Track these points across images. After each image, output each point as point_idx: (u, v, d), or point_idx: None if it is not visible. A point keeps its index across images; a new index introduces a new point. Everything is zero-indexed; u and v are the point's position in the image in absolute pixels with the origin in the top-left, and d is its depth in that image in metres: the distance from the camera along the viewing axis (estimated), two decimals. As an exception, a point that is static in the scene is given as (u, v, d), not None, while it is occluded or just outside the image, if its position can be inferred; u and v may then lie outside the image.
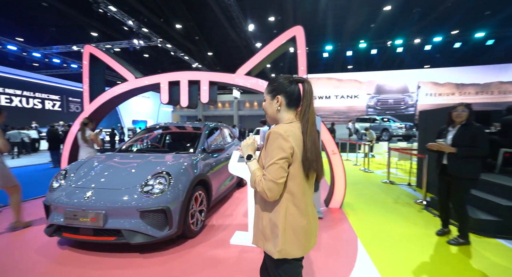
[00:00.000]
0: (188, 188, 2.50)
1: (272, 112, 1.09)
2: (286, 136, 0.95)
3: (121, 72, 4.19)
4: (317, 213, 3.15)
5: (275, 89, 1.08)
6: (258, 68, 4.02)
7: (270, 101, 1.09)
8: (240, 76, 3.79)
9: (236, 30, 19.09)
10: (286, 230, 0.97)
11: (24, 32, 17.56)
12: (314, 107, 1.03)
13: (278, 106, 1.06)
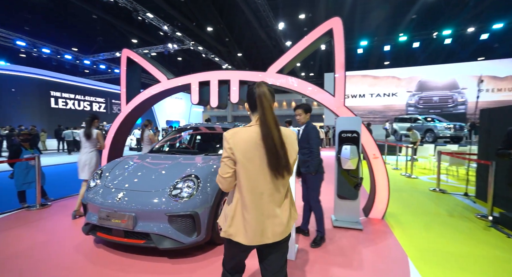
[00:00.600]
0: (217, 193, 2.38)
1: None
2: (228, 138, 1.07)
3: (154, 74, 4.28)
4: (356, 223, 2.81)
5: (245, 95, 1.20)
6: (290, 65, 3.78)
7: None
8: (271, 74, 3.59)
9: (266, 30, 19.02)
10: (233, 217, 1.10)
11: (77, 43, 19.68)
12: (270, 110, 1.06)
13: (247, 110, 1.19)
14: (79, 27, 18.79)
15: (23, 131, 4.35)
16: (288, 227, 1.13)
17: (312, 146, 2.51)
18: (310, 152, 2.52)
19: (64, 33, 19.23)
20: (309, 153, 2.52)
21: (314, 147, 2.51)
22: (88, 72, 23.34)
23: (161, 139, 3.72)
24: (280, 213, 1.11)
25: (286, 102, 35.22)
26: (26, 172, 3.75)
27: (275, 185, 1.08)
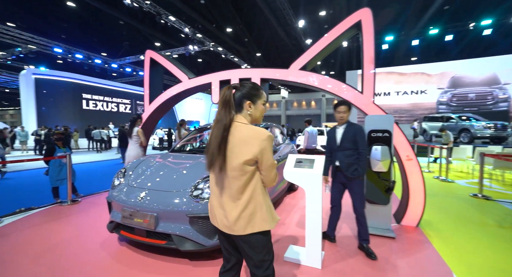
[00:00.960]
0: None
1: None
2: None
3: (176, 73, 4.32)
4: (387, 231, 2.57)
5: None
6: (313, 62, 3.60)
7: None
8: (294, 72, 3.44)
9: (285, 29, 18.77)
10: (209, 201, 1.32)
11: (106, 48, 20.88)
12: (219, 110, 1.15)
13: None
14: (108, 33, 19.91)
15: (57, 131, 4.62)
16: (234, 226, 1.14)
17: (360, 148, 2.31)
18: (358, 154, 2.32)
19: (95, 39, 20.49)
20: (357, 155, 2.32)
21: (363, 149, 2.31)
22: (116, 75, 24.69)
23: (182, 139, 3.72)
24: (229, 209, 1.15)
25: (305, 101, 34.57)
26: (59, 169, 3.96)
27: (222, 179, 1.17)
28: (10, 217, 3.37)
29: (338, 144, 2.40)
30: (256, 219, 1.15)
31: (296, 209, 3.68)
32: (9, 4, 15.49)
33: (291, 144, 4.86)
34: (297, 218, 3.28)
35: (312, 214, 2.09)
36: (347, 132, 2.38)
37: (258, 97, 1.22)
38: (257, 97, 1.22)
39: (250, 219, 1.14)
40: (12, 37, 16.20)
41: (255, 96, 1.21)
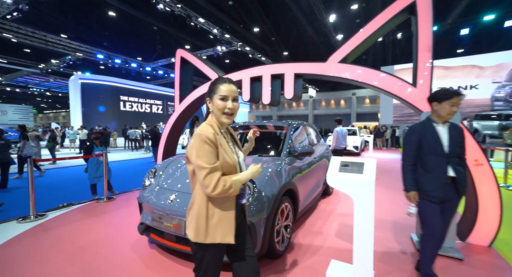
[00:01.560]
0: (275, 200, 2.05)
1: None
2: None
3: (206, 71, 4.24)
4: (452, 250, 2.10)
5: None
6: (355, 53, 3.22)
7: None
8: (333, 65, 3.10)
9: (314, 25, 18.15)
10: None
11: (141, 52, 22.21)
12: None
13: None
14: (143, 38, 21.15)
15: (94, 130, 4.86)
16: (187, 232, 1.13)
17: (464, 155, 1.83)
18: (463, 163, 1.83)
19: (132, 44, 21.90)
20: (463, 164, 1.84)
21: (464, 155, 1.84)
22: (149, 78, 26.16)
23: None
24: (187, 214, 1.17)
25: (334, 100, 33.14)
26: (96, 167, 4.13)
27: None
28: (55, 211, 3.55)
29: (446, 148, 1.75)
30: (192, 226, 1.11)
31: (333, 216, 3.33)
32: (62, 17, 17.22)
33: (326, 145, 4.49)
34: (336, 227, 2.94)
35: (362, 226, 1.77)
36: (453, 133, 1.79)
37: (214, 92, 1.15)
38: (213, 92, 1.16)
39: (189, 222, 1.13)
40: (63, 46, 18.02)
41: (211, 91, 1.17)
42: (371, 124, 23.09)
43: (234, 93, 1.16)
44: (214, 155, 1.07)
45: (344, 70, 3.00)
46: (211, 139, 1.06)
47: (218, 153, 1.09)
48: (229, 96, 1.14)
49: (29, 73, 23.77)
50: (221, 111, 1.14)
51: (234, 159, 1.14)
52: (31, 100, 38.42)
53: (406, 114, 16.61)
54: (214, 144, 1.07)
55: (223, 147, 1.11)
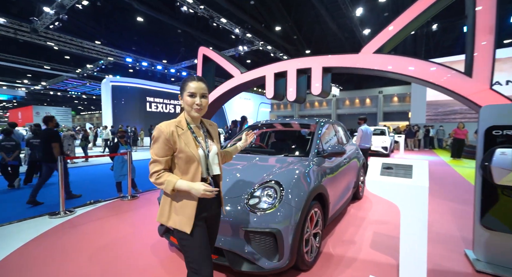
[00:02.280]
0: (304, 205, 1.83)
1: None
2: None
3: (228, 68, 4.12)
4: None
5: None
6: (392, 43, 2.87)
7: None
8: (367, 56, 2.78)
9: (338, 22, 17.45)
10: None
11: (166, 55, 23.05)
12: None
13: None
14: (167, 41, 21.93)
15: (120, 129, 4.99)
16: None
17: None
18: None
19: (157, 48, 22.80)
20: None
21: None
22: (174, 80, 27.07)
23: (233, 137, 3.45)
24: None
25: (359, 99, 31.66)
26: (122, 165, 4.19)
27: None
28: (82, 208, 3.65)
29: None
30: (159, 207, 1.27)
31: (366, 223, 3.01)
32: (96, 25, 18.44)
33: (355, 145, 4.15)
34: (370, 236, 2.63)
35: (412, 241, 1.48)
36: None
37: (184, 90, 1.25)
38: (183, 89, 1.25)
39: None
40: (97, 52, 19.31)
41: (182, 89, 1.27)
42: (400, 124, 21.63)
43: (202, 90, 1.24)
44: (163, 149, 1.18)
45: (382, 62, 2.68)
46: (165, 134, 1.17)
47: (176, 145, 1.19)
48: (197, 92, 1.22)
49: (68, 77, 25.87)
50: (190, 107, 1.23)
51: (195, 152, 1.20)
52: (70, 102, 41.86)
53: (441, 113, 15.22)
54: (166, 138, 1.16)
55: (184, 140, 1.20)
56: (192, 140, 1.22)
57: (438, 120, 15.26)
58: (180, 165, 1.20)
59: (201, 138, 1.29)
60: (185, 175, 1.20)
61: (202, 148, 1.25)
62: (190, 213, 1.17)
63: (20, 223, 3.06)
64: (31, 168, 5.47)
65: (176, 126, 1.21)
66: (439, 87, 2.41)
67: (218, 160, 1.32)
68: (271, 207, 1.71)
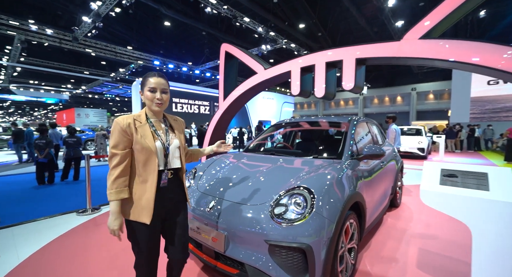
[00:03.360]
0: (339, 216, 1.56)
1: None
2: None
3: (251, 65, 3.94)
4: None
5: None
6: (441, 27, 2.44)
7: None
8: (412, 43, 2.39)
9: (366, 16, 16.46)
10: None
11: (191, 57, 23.73)
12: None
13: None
14: (192, 44, 22.55)
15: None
16: None
17: None
18: None
19: (183, 50, 23.56)
20: None
21: None
22: (198, 81, 27.80)
23: (256, 137, 3.24)
24: None
25: (388, 97, 29.65)
26: None
27: None
28: (108, 206, 3.71)
29: None
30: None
31: (408, 237, 2.61)
32: (127, 31, 19.58)
33: (391, 146, 3.71)
34: (415, 254, 2.24)
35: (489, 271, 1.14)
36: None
37: (144, 85, 1.28)
38: (143, 85, 1.29)
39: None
40: (128, 56, 20.50)
41: (142, 84, 1.30)
42: (437, 123, 19.76)
43: (162, 86, 1.28)
44: (120, 141, 1.20)
45: (431, 48, 2.27)
46: (121, 125, 1.20)
47: (133, 138, 1.22)
48: (157, 88, 1.26)
49: (103, 81, 27.87)
50: (151, 101, 1.28)
51: (151, 144, 1.23)
52: (105, 104, 45.19)
53: (489, 110, 13.55)
54: (123, 130, 1.20)
55: (141, 132, 1.23)
56: (150, 133, 1.26)
57: (485, 119, 13.61)
58: (137, 157, 1.24)
59: (161, 131, 1.33)
60: (142, 167, 1.24)
61: (161, 141, 1.29)
62: (148, 204, 1.21)
63: (51, 219, 3.17)
64: (67, 165, 5.80)
65: (134, 119, 1.26)
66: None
67: (180, 154, 1.37)
68: (300, 218, 1.47)
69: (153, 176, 1.23)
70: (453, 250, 2.29)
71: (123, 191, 1.20)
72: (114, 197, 1.18)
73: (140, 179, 1.23)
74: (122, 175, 1.20)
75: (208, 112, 22.79)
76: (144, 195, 1.22)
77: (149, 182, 1.23)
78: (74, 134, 5.88)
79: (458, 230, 2.73)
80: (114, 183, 1.18)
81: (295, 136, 3.56)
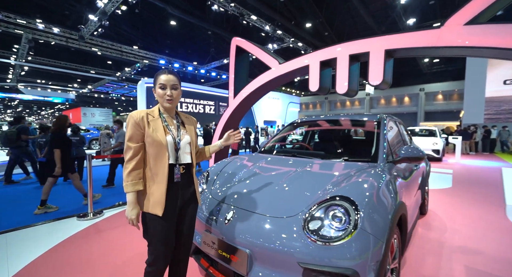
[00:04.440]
0: (389, 233, 1.28)
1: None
2: None
3: (265, 59, 3.68)
4: None
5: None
6: (492, 10, 2.13)
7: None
8: (456, 29, 2.09)
9: (374, 15, 16.09)
10: None
11: (196, 56, 23.59)
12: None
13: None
14: (198, 43, 22.43)
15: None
16: None
17: None
18: None
19: (189, 50, 23.46)
20: None
21: None
22: (203, 81, 27.68)
23: (273, 136, 2.96)
24: None
25: (396, 97, 29.06)
26: None
27: None
28: (111, 210, 3.48)
29: None
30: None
31: (447, 251, 2.29)
32: (133, 30, 19.55)
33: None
34: (463, 273, 1.93)
35: None
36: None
37: (155, 82, 1.32)
38: (155, 82, 1.33)
39: None
40: (134, 55, 20.45)
41: (154, 82, 1.34)
42: (446, 124, 19.18)
43: (172, 82, 1.31)
44: (134, 133, 1.25)
45: (480, 35, 1.96)
46: (135, 118, 1.25)
47: (145, 132, 1.26)
48: (167, 84, 1.30)
49: (109, 80, 27.96)
50: (162, 98, 1.31)
51: (163, 137, 1.26)
52: (111, 104, 45.45)
53: (506, 111, 13.01)
54: (136, 123, 1.24)
55: (153, 126, 1.27)
56: (162, 127, 1.29)
57: (501, 120, 13.08)
58: (149, 150, 1.27)
59: (173, 126, 1.36)
60: (153, 161, 1.26)
61: (172, 135, 1.32)
62: (160, 196, 1.24)
63: (51, 224, 2.95)
64: (70, 165, 5.62)
65: (147, 113, 1.29)
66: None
67: (191, 150, 1.38)
68: (342, 236, 1.19)
69: (163, 169, 1.25)
70: (506, 268, 1.98)
71: (138, 183, 1.24)
72: (130, 188, 1.22)
73: (151, 173, 1.26)
74: (137, 167, 1.24)
75: (213, 112, 22.63)
76: (155, 188, 1.25)
77: (160, 176, 1.25)
78: (78, 132, 5.68)
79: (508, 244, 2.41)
80: (130, 176, 1.22)
81: (314, 136, 3.27)
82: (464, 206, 3.66)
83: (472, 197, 4.12)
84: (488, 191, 4.51)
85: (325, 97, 34.02)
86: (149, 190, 1.26)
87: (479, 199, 4.03)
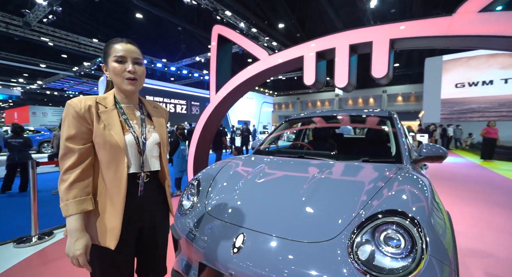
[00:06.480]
0: (456, 258, 1.00)
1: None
2: None
3: (252, 50, 3.30)
4: None
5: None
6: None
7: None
8: (470, 17, 1.95)
9: (343, 19, 16.85)
10: None
11: (166, 53, 22.26)
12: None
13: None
14: (168, 40, 21.18)
15: (179, 126, 4.94)
16: None
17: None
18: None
19: (157, 46, 22.02)
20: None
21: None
22: (173, 79, 26.27)
23: (269, 134, 2.58)
24: None
25: (362, 98, 30.95)
26: (182, 161, 4.26)
27: None
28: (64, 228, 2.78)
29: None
30: None
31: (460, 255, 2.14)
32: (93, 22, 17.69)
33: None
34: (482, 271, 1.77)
35: None
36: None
37: (108, 54, 0.93)
38: (107, 54, 0.93)
39: None
40: (94, 49, 18.48)
41: (105, 54, 0.94)
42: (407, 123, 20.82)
43: (134, 54, 0.94)
44: (79, 130, 0.86)
45: (496, 22, 1.83)
46: (76, 109, 0.86)
47: (92, 126, 0.88)
48: (127, 56, 0.92)
49: (64, 76, 24.96)
50: (120, 77, 0.92)
51: (119, 137, 0.89)
52: (67, 103, 40.81)
53: (457, 111, 14.50)
54: (79, 115, 0.86)
55: (105, 120, 0.89)
56: (118, 122, 0.92)
57: (454, 119, 14.54)
58: (100, 155, 0.89)
59: (135, 121, 0.99)
60: (107, 169, 0.88)
61: (134, 134, 0.95)
62: (115, 223, 0.87)
63: (-26, 255, 2.19)
64: (10, 173, 4.57)
65: (96, 102, 0.91)
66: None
67: (160, 153, 1.03)
68: (408, 267, 0.86)
69: (119, 182, 0.88)
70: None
71: (86, 200, 0.85)
72: (74, 209, 0.82)
73: (102, 187, 0.90)
74: (82, 178, 0.85)
75: (185, 111, 21.52)
76: (108, 209, 0.89)
77: (114, 191, 0.88)
78: (21, 134, 4.68)
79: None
80: (71, 190, 0.82)
81: (318, 134, 2.97)
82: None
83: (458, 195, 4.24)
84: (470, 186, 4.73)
85: (297, 97, 34.84)
86: (96, 212, 0.89)
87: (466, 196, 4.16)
